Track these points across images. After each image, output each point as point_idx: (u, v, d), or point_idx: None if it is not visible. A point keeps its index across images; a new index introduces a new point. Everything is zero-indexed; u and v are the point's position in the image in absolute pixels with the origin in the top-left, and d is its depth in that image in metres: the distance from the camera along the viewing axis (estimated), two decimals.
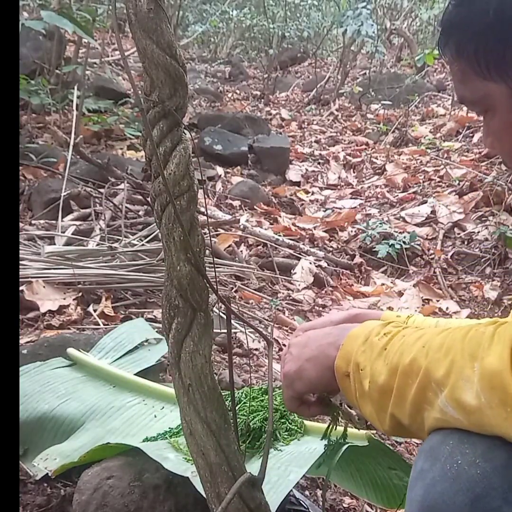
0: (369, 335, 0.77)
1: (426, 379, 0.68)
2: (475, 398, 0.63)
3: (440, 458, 0.66)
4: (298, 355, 0.85)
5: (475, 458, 0.64)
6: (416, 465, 0.69)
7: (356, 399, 0.77)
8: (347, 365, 0.77)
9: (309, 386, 0.85)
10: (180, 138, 0.71)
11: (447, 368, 0.66)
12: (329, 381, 0.81)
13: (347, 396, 0.80)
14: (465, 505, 0.63)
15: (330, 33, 9.19)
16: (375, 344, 0.75)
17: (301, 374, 0.84)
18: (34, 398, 1.37)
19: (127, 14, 0.66)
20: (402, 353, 0.71)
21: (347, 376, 0.77)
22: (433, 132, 5.42)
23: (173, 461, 1.09)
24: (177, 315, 0.73)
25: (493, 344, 0.64)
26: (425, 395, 0.68)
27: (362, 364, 0.75)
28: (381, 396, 0.72)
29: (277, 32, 8.49)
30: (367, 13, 5.70)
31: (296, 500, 1.25)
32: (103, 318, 2.02)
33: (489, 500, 0.62)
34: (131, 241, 2.56)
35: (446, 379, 0.66)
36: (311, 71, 8.54)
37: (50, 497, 1.22)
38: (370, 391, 0.73)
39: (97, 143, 4.33)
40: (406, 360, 0.70)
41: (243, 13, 9.22)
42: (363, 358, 0.75)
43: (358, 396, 0.76)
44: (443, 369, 0.67)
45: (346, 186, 4.39)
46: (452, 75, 0.80)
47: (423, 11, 8.54)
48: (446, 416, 0.67)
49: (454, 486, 0.64)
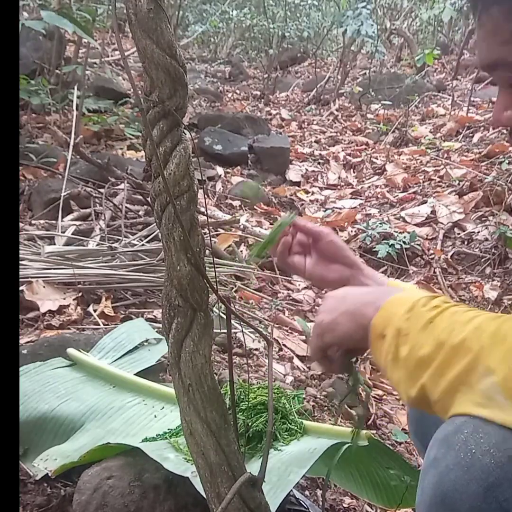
0: (415, 304, 0.76)
1: (474, 363, 0.67)
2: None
3: (454, 447, 0.66)
4: (334, 307, 0.86)
5: (490, 447, 0.64)
6: (430, 454, 0.69)
7: (386, 362, 0.76)
8: (385, 327, 0.77)
9: (338, 340, 0.85)
10: (180, 138, 0.71)
11: (502, 356, 0.65)
12: (360, 339, 0.81)
13: (376, 357, 0.80)
14: (478, 494, 0.63)
15: (330, 33, 9.19)
16: (421, 315, 0.74)
17: (334, 327, 0.84)
18: (34, 398, 1.37)
19: (127, 14, 0.66)
20: (452, 330, 0.70)
21: (382, 337, 0.77)
22: (433, 132, 5.42)
23: (173, 461, 1.09)
24: (177, 315, 0.73)
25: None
26: (467, 377, 0.67)
27: (404, 331, 0.74)
28: (418, 366, 0.72)
29: (277, 32, 8.49)
30: (367, 13, 5.70)
31: (296, 500, 1.25)
32: (103, 318, 2.02)
33: (503, 490, 0.62)
34: (131, 241, 2.56)
35: (499, 366, 0.65)
36: (311, 71, 8.54)
37: (50, 497, 1.22)
38: (408, 358, 0.73)
39: (97, 143, 4.33)
40: (455, 339, 0.69)
41: (243, 13, 9.21)
42: (407, 325, 0.74)
43: (390, 359, 0.75)
44: (497, 356, 0.66)
45: (346, 186, 4.39)
46: (488, 36, 0.74)
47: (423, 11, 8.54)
48: (490, 401, 0.66)
49: (468, 474, 0.64)
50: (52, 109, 4.21)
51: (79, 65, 4.03)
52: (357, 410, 1.73)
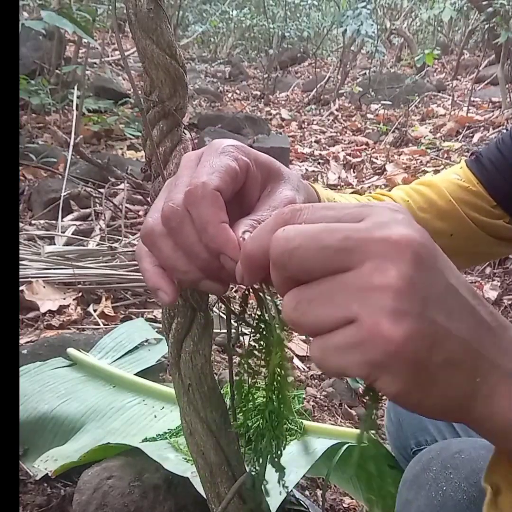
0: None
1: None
2: None
3: (424, 486, 0.63)
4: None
5: (460, 482, 0.60)
6: (401, 496, 0.65)
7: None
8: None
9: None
10: (180, 138, 0.71)
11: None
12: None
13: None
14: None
15: (330, 33, 9.19)
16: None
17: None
18: (34, 398, 1.37)
19: (127, 14, 0.66)
20: None
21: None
22: (433, 132, 5.42)
23: (173, 461, 1.09)
24: (177, 315, 0.73)
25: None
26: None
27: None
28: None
29: (277, 32, 8.50)
30: (367, 13, 5.70)
31: (296, 500, 1.25)
32: (103, 318, 2.02)
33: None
34: (131, 241, 2.56)
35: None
36: (311, 71, 8.54)
37: (50, 497, 1.22)
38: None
39: (97, 143, 4.33)
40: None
41: (243, 13, 9.22)
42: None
43: None
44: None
45: (346, 186, 4.39)
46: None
47: (423, 11, 8.54)
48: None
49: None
50: (52, 109, 4.21)
51: (79, 65, 4.03)
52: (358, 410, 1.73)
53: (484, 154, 0.84)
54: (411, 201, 0.84)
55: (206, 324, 0.74)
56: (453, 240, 0.82)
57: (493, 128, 5.09)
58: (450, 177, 0.86)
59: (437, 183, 0.85)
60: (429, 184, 0.85)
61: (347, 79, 7.85)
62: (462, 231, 0.82)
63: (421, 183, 0.87)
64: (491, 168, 0.83)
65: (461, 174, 0.85)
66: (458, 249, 0.83)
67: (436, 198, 0.83)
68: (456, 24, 9.84)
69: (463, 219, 0.82)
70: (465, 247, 0.84)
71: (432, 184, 0.85)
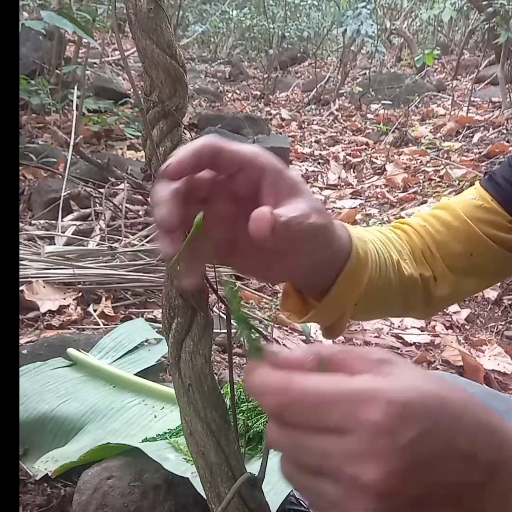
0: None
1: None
2: None
3: None
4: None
5: None
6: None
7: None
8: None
9: None
10: (180, 138, 0.71)
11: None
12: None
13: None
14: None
15: (330, 33, 9.20)
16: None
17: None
18: (34, 398, 1.37)
19: (127, 14, 0.66)
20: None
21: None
22: (433, 132, 5.42)
23: (173, 462, 1.09)
24: (177, 315, 0.73)
25: None
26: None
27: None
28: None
29: (277, 32, 8.51)
30: (367, 13, 5.71)
31: (296, 500, 1.25)
32: (103, 318, 2.01)
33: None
34: (131, 241, 2.56)
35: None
36: (311, 71, 8.55)
37: (50, 497, 1.22)
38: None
39: (97, 143, 4.34)
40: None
41: (243, 13, 9.23)
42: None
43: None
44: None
45: (346, 186, 4.39)
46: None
47: (423, 11, 8.55)
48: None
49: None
50: (52, 109, 4.21)
51: (79, 65, 4.03)
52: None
53: (497, 172, 0.86)
54: (428, 226, 0.86)
55: (206, 324, 0.74)
56: (473, 259, 0.84)
57: (493, 128, 5.10)
58: (465, 198, 0.88)
59: (452, 205, 0.87)
60: (445, 207, 0.88)
61: (347, 79, 7.86)
62: (481, 250, 0.84)
63: (437, 207, 0.89)
64: (505, 184, 0.85)
65: (476, 194, 0.87)
66: (479, 268, 0.85)
67: (451, 219, 0.85)
68: (456, 24, 9.85)
69: (480, 237, 0.84)
70: (486, 266, 0.86)
71: (447, 207, 0.87)
